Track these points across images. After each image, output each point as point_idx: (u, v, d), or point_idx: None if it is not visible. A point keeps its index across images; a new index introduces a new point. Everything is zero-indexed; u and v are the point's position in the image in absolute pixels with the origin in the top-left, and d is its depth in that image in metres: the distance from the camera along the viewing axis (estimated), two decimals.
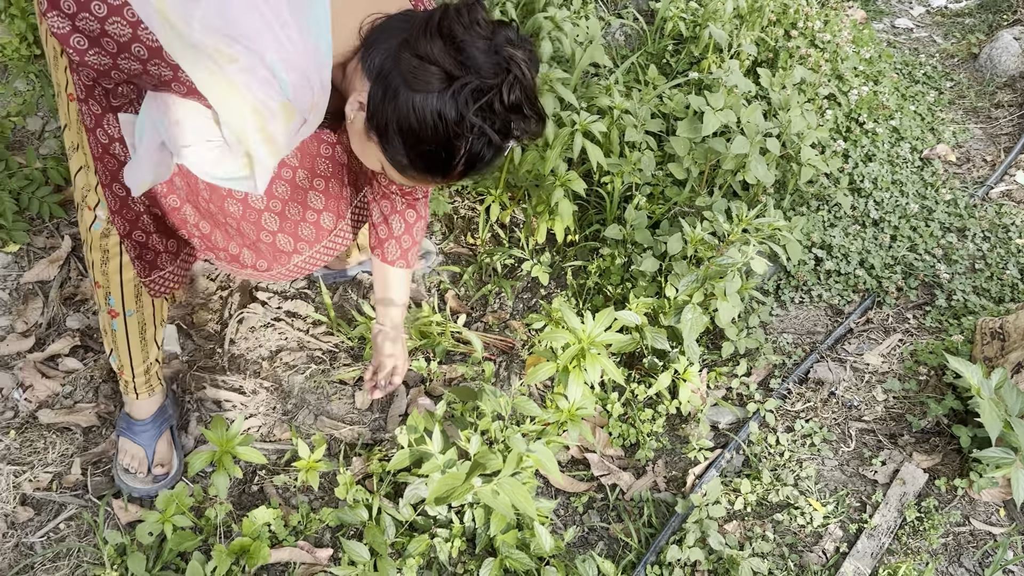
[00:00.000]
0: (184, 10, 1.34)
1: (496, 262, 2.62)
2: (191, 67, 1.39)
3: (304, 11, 1.40)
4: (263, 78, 1.39)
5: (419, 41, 1.36)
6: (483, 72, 1.34)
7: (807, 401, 2.32)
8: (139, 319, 1.87)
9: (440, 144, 1.39)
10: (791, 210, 2.74)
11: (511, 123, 1.39)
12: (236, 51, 1.36)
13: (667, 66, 3.09)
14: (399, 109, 1.39)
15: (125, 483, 2.01)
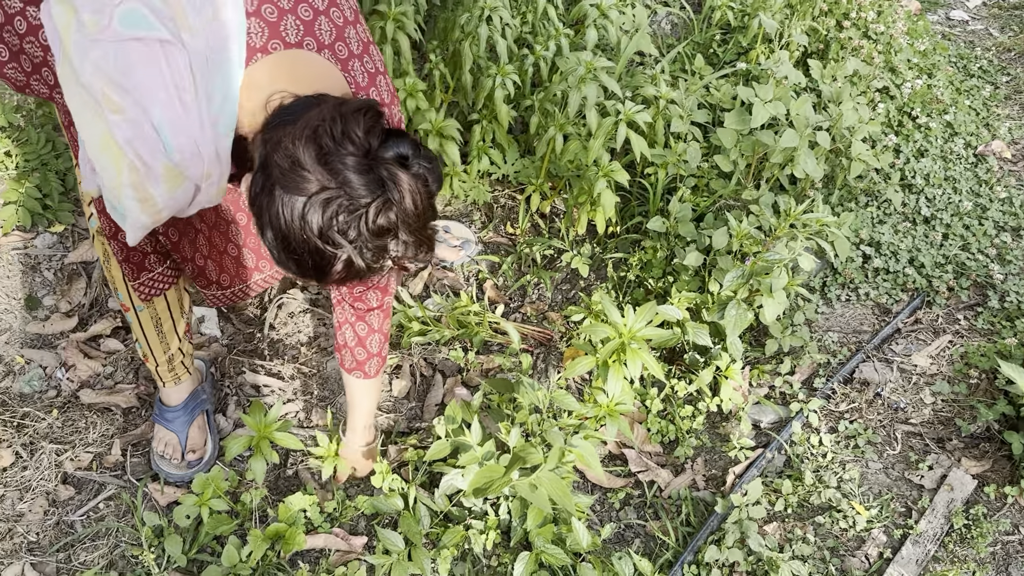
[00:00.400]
0: (82, 47, 1.26)
1: (536, 252, 2.59)
2: (77, 107, 1.31)
3: (211, 77, 1.30)
4: (147, 136, 1.29)
5: (295, 142, 1.24)
6: (352, 190, 1.22)
7: (852, 402, 2.27)
8: (151, 314, 1.85)
9: (309, 253, 1.27)
10: (839, 206, 2.68)
11: (383, 246, 1.28)
12: (124, 102, 1.27)
13: (714, 56, 3.03)
14: (271, 207, 1.27)
15: (160, 468, 2.03)
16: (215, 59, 1.30)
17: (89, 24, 1.26)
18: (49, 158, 2.44)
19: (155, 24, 1.27)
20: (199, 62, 1.29)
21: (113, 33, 1.25)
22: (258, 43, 1.35)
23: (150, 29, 1.26)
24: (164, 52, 1.27)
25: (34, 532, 1.92)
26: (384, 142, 1.26)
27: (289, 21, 1.38)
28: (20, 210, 2.36)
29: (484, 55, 2.54)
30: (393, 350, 2.36)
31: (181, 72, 1.28)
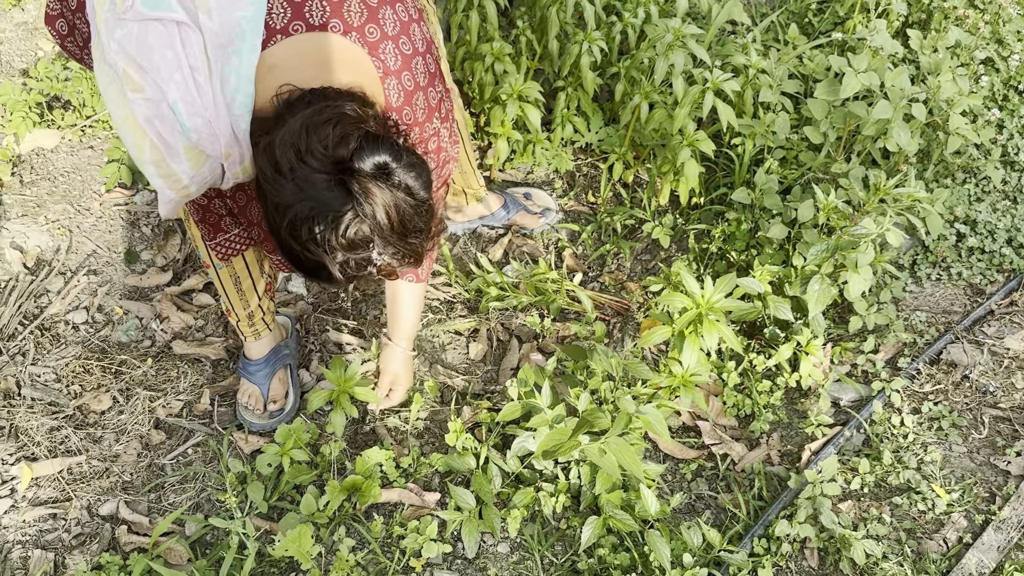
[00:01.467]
0: (110, 25, 1.30)
1: (616, 222, 2.58)
2: (104, 84, 1.35)
3: (226, 60, 1.32)
4: (164, 115, 1.32)
5: (277, 150, 1.28)
6: (321, 205, 1.25)
7: (937, 383, 2.20)
8: (230, 272, 1.90)
9: (291, 253, 1.32)
10: (934, 181, 2.58)
11: (366, 257, 1.30)
12: (143, 82, 1.30)
13: (809, 25, 2.94)
14: (264, 205, 1.32)
15: (243, 418, 2.11)
16: (230, 40, 1.31)
17: (119, 3, 1.29)
18: None
19: (174, 5, 1.29)
20: (214, 44, 1.31)
21: (136, 13, 1.28)
22: (279, 24, 1.35)
23: (169, 10, 1.28)
24: (180, 33, 1.29)
25: (128, 472, 2.03)
26: (359, 152, 1.25)
27: (314, 2, 1.37)
28: (122, 168, 2.47)
29: (571, 21, 2.52)
30: (471, 314, 2.39)
31: (196, 54, 1.30)
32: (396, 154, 1.28)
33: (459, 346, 2.34)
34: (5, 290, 2.27)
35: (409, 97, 1.49)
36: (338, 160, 1.25)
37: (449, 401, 2.20)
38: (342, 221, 1.26)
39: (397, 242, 1.31)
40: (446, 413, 2.17)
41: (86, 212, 2.47)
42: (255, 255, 1.91)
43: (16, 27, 2.80)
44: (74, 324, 2.27)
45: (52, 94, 2.57)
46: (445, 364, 2.30)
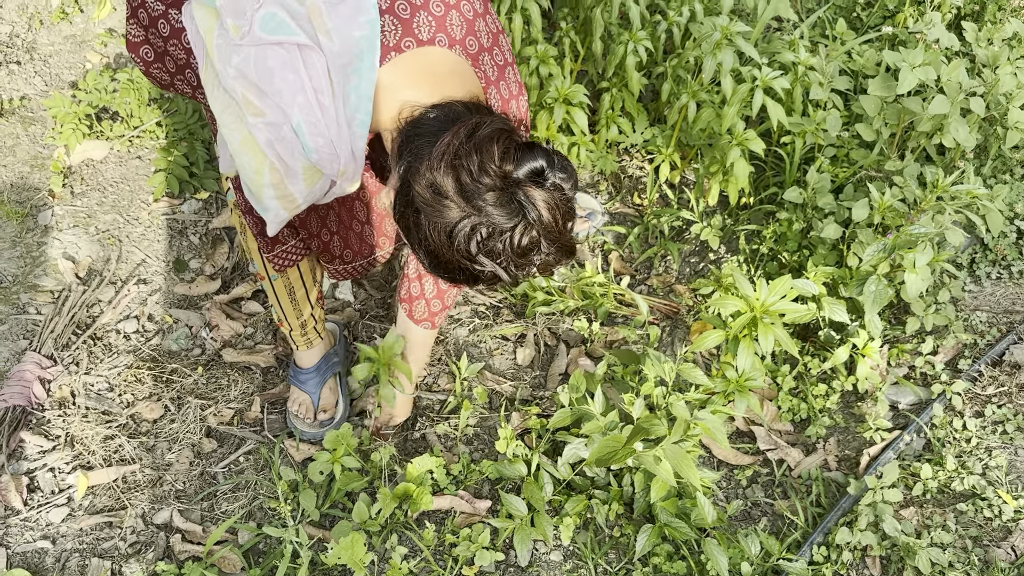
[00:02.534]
0: (225, 51, 1.32)
1: (663, 224, 2.55)
2: (219, 109, 1.38)
3: (347, 78, 1.35)
4: (286, 138, 1.36)
5: (434, 173, 1.28)
6: (493, 218, 1.26)
7: (1000, 385, 2.14)
8: (284, 283, 1.91)
9: (456, 268, 1.34)
10: (992, 177, 2.51)
11: (528, 260, 1.33)
12: (264, 106, 1.33)
13: (857, 20, 2.88)
14: (419, 231, 1.33)
15: (294, 426, 2.11)
16: (350, 60, 1.34)
17: (232, 29, 1.32)
18: (196, 128, 2.56)
19: (294, 28, 1.31)
20: (336, 64, 1.33)
21: (254, 38, 1.31)
22: (391, 41, 1.37)
23: (289, 33, 1.31)
24: (303, 56, 1.32)
25: (181, 481, 2.04)
26: (519, 162, 1.28)
27: (422, 18, 1.39)
28: (169, 177, 2.49)
29: (615, 21, 2.49)
30: (518, 319, 2.37)
31: (319, 75, 1.33)
32: (548, 158, 1.31)
33: (506, 351, 2.32)
34: (58, 300, 2.30)
35: (505, 105, 1.55)
36: (505, 175, 1.27)
37: (498, 407, 2.19)
38: (516, 232, 1.28)
39: (559, 239, 1.34)
40: (495, 419, 2.16)
41: (135, 222, 2.50)
42: (308, 265, 1.92)
43: (64, 40, 2.84)
44: (125, 333, 2.29)
45: (101, 106, 2.60)
46: (493, 370, 2.28)
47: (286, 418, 2.15)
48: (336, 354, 2.18)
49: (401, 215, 1.36)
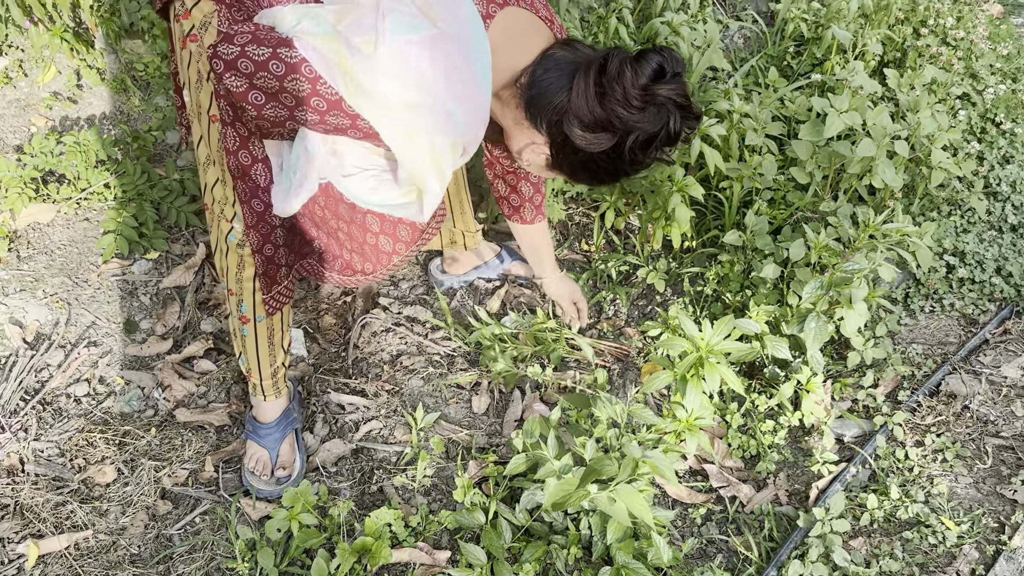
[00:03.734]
0: (365, 63, 1.46)
1: (611, 269, 2.61)
2: (373, 115, 1.52)
3: (471, 55, 1.54)
4: (439, 122, 1.53)
5: (582, 111, 1.54)
6: (647, 126, 1.54)
7: (939, 415, 2.22)
8: (268, 324, 1.95)
9: (622, 174, 1.68)
10: (921, 215, 2.63)
11: (680, 140, 1.61)
12: (419, 98, 1.50)
13: (788, 68, 3.01)
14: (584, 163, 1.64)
15: (250, 484, 2.10)
16: (467, 36, 1.53)
17: (362, 46, 1.47)
18: (144, 188, 2.57)
19: (420, 24, 1.49)
20: (462, 43, 1.52)
21: (388, 44, 1.47)
22: (484, 11, 1.59)
23: (418, 30, 1.49)
24: (436, 45, 1.49)
25: (136, 545, 2.01)
26: (643, 73, 1.51)
27: None
28: (118, 238, 2.49)
29: None
30: (472, 367, 2.40)
31: (453, 57, 1.51)
32: (657, 55, 1.53)
33: (462, 400, 2.35)
34: (5, 366, 2.27)
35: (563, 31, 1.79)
36: (643, 89, 1.51)
37: (455, 456, 2.20)
38: (667, 127, 1.55)
39: (691, 111, 1.59)
40: (452, 469, 2.17)
41: (84, 284, 2.49)
42: (288, 308, 1.99)
43: (9, 104, 2.83)
44: (76, 397, 2.26)
45: (47, 169, 2.60)
46: (449, 419, 2.30)
47: (242, 476, 2.14)
48: (294, 410, 2.19)
49: (560, 161, 1.66)
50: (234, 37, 1.51)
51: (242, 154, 1.70)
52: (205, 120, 1.73)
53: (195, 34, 1.65)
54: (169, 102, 2.74)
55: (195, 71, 1.70)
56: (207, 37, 1.63)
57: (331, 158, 1.70)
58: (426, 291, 2.62)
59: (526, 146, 1.71)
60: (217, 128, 1.70)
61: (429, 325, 2.52)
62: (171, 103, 2.71)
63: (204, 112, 1.72)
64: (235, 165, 1.71)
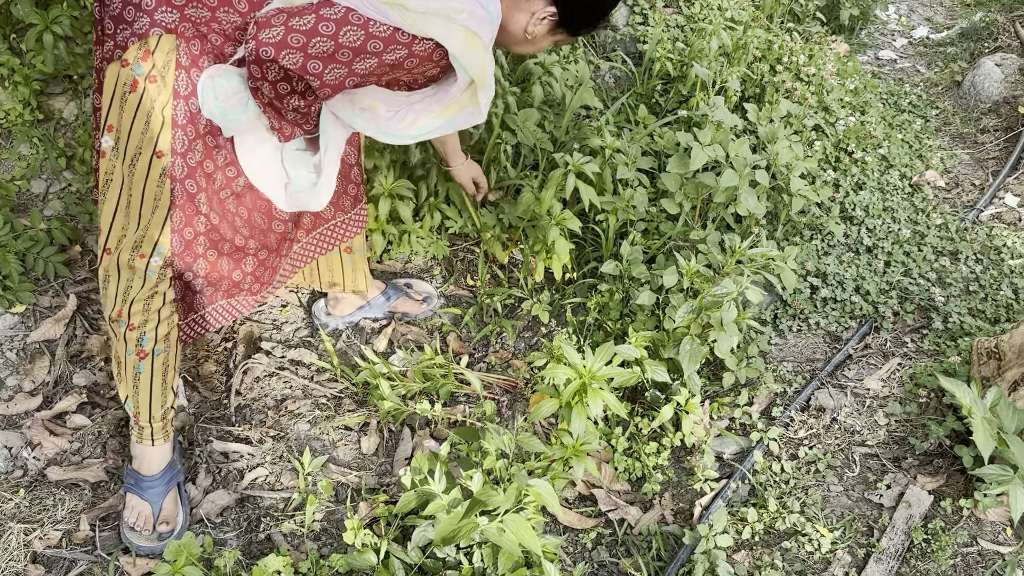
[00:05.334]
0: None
1: (496, 302, 2.65)
2: (432, 30, 1.65)
3: None
4: (483, 17, 1.69)
5: None
6: None
7: (810, 428, 2.34)
8: (164, 359, 1.94)
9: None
10: (784, 240, 2.78)
11: None
12: (459, 3, 1.65)
13: (657, 105, 3.15)
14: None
15: (130, 540, 2.02)
16: None
17: None
18: (7, 239, 2.46)
19: None
20: None
21: None
22: None
23: None
24: None
25: None
26: None
27: None
28: None
29: None
30: (360, 407, 2.39)
31: None
32: None
33: (350, 441, 2.33)
34: None
35: None
36: None
37: (344, 499, 2.18)
38: None
39: None
40: (342, 512, 2.15)
41: None
42: (180, 349, 2.02)
43: None
44: None
45: None
46: (337, 462, 2.27)
47: (120, 532, 2.05)
48: (177, 462, 2.12)
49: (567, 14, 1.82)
50: (270, 21, 1.61)
51: (188, 183, 1.79)
52: (143, 161, 1.77)
53: (154, 75, 1.71)
54: (32, 150, 2.64)
55: (145, 111, 1.73)
56: (168, 76, 1.71)
57: (363, 113, 1.84)
58: (310, 333, 2.59)
59: (528, 21, 1.84)
60: (160, 164, 1.76)
61: (314, 367, 2.49)
62: (34, 151, 2.62)
63: (145, 154, 1.76)
64: (180, 192, 1.78)
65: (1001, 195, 3.22)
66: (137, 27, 1.69)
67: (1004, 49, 4.12)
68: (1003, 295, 2.65)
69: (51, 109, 2.64)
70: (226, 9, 1.72)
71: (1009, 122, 3.62)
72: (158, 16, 1.69)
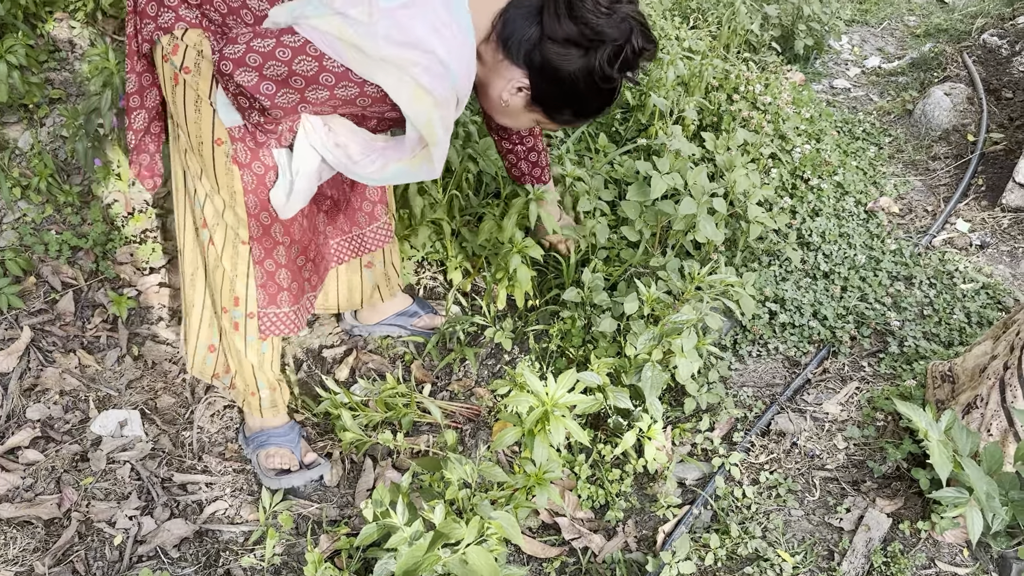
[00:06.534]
0: (367, 32, 1.60)
1: (459, 330, 2.65)
2: (382, 77, 1.65)
3: (453, 11, 1.67)
4: (439, 73, 1.66)
5: (554, 30, 1.70)
6: (613, 37, 1.70)
7: (770, 453, 2.36)
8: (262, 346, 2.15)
9: (596, 97, 1.82)
10: (743, 266, 2.82)
11: (643, 58, 1.77)
12: (415, 56, 1.63)
13: (616, 134, 3.19)
14: (561, 86, 1.77)
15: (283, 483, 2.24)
16: None
17: (359, 16, 1.60)
18: None
19: None
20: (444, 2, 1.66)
21: (381, 11, 1.60)
22: None
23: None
24: (423, 5, 1.63)
25: None
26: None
27: None
28: None
29: None
30: (321, 437, 2.37)
31: (439, 14, 1.64)
32: None
33: None
34: None
35: None
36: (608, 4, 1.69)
37: (305, 532, 2.15)
38: (632, 39, 1.71)
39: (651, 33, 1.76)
40: (303, 545, 2.12)
41: None
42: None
43: None
44: None
45: None
46: (297, 494, 2.25)
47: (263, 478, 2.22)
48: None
49: (540, 91, 1.80)
50: (237, 39, 1.63)
51: (256, 165, 1.86)
52: (208, 149, 1.84)
53: (188, 66, 1.77)
54: None
55: (192, 101, 1.80)
56: (203, 66, 1.77)
57: (336, 150, 1.87)
58: None
59: (504, 88, 1.83)
60: (224, 150, 1.83)
61: None
62: None
63: (206, 141, 1.83)
64: (249, 177, 1.86)
65: (952, 221, 3.29)
66: (161, 21, 1.78)
67: (953, 79, 4.23)
68: (956, 319, 2.70)
69: (5, 139, 2.61)
70: (235, 19, 1.78)
71: (959, 149, 3.71)
72: (182, 11, 1.77)
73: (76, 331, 2.50)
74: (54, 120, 2.64)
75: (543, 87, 1.80)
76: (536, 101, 1.84)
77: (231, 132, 1.81)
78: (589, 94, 1.80)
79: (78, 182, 2.63)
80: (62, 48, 2.69)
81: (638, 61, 1.77)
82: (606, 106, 1.87)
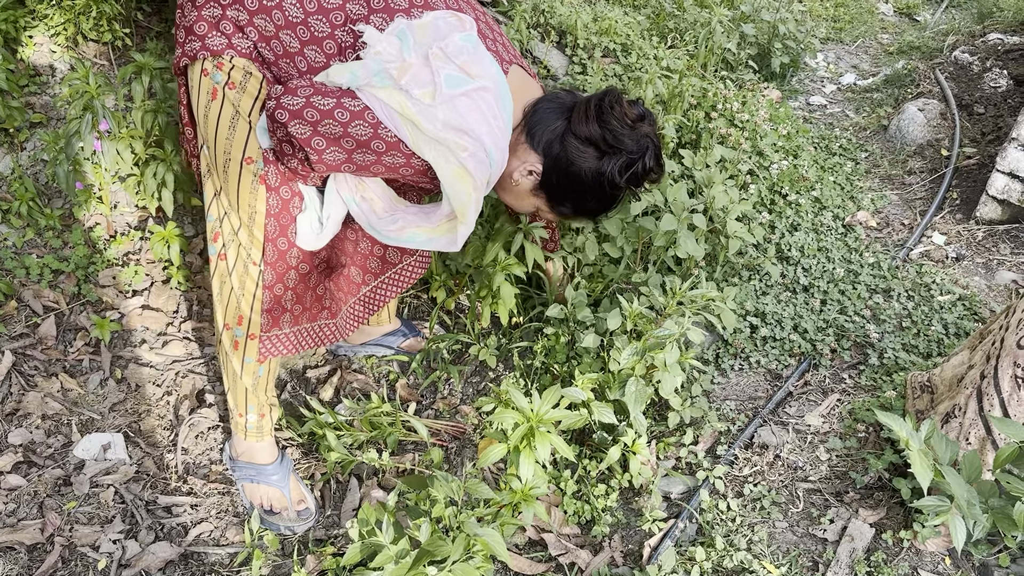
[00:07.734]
0: (427, 112, 1.71)
1: (443, 348, 2.66)
2: (431, 154, 1.76)
3: (501, 103, 1.82)
4: (482, 160, 1.79)
5: (580, 128, 1.86)
6: (630, 149, 1.87)
7: (754, 465, 2.38)
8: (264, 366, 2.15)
9: (600, 202, 1.96)
10: (724, 281, 2.85)
11: (651, 177, 1.93)
12: (465, 142, 1.75)
13: None
14: (570, 179, 1.91)
15: (275, 524, 2.22)
16: (499, 89, 1.83)
17: (423, 97, 1.71)
18: None
19: (467, 79, 1.75)
20: (496, 95, 1.80)
21: (444, 96, 1.72)
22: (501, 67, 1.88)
23: (466, 84, 1.75)
24: (480, 96, 1.77)
25: None
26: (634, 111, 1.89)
27: (500, 46, 1.93)
28: None
29: None
30: (306, 457, 2.36)
31: (491, 105, 1.79)
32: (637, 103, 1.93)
33: None
34: None
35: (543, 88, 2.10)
36: (632, 120, 1.87)
37: (291, 552, 2.14)
38: (646, 157, 1.89)
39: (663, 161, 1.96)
40: (289, 566, 2.11)
41: None
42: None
43: None
44: None
45: None
46: (279, 531, 2.24)
47: (262, 521, 2.19)
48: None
49: (549, 179, 1.93)
50: (297, 90, 1.71)
51: (283, 189, 1.90)
52: (234, 167, 1.87)
53: (233, 82, 1.81)
54: None
55: (228, 117, 1.84)
56: (250, 84, 1.81)
57: (363, 203, 1.97)
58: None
59: (518, 168, 1.94)
60: (252, 169, 1.86)
61: None
62: None
63: (235, 159, 1.86)
64: (275, 200, 1.89)
65: (929, 234, 3.34)
66: (211, 43, 1.81)
67: (926, 95, 4.31)
68: (934, 330, 2.74)
69: None
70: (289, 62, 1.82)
71: (933, 164, 3.78)
72: (235, 40, 1.81)
73: (58, 355, 2.49)
74: (35, 144, 2.64)
75: (553, 176, 1.92)
76: (543, 187, 1.96)
77: (265, 154, 1.85)
78: (592, 194, 1.93)
79: (59, 205, 2.63)
80: (43, 72, 2.69)
81: (645, 179, 1.92)
82: (604, 211, 2.00)
